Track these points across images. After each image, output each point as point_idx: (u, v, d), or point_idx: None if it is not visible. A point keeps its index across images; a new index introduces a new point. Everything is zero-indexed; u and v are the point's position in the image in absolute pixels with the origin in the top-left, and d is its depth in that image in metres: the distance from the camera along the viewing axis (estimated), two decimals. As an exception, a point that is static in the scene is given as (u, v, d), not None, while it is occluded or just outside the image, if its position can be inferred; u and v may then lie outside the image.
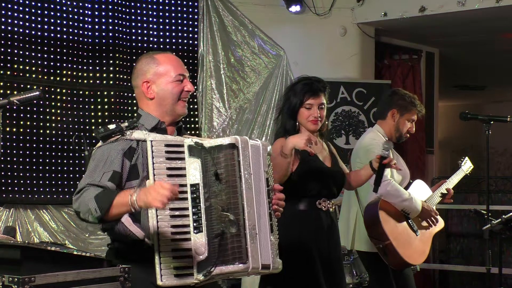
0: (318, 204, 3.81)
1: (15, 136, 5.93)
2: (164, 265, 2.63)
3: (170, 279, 2.63)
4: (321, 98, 3.83)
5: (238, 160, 2.71)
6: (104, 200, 2.63)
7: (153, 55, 2.97)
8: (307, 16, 7.45)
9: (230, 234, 2.66)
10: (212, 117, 7.11)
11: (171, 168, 2.68)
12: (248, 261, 2.68)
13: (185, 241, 2.67)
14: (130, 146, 2.80)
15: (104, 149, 2.80)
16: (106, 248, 5.92)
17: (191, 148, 2.71)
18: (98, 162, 2.79)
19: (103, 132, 2.80)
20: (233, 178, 2.70)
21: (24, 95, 2.90)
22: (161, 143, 2.70)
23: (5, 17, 5.92)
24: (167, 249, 2.64)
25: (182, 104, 2.92)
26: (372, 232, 4.28)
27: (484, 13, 7.07)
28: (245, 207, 2.70)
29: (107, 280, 2.46)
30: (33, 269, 2.28)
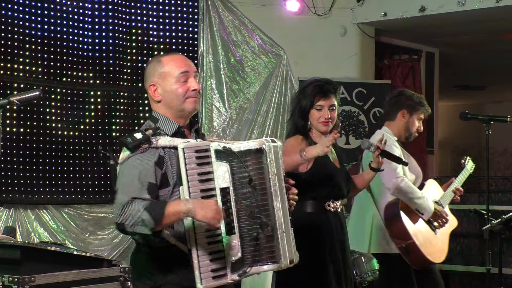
0: (327, 206, 3.82)
1: (15, 136, 5.93)
2: (203, 269, 2.72)
3: (209, 282, 2.72)
4: (331, 99, 3.86)
5: (266, 164, 2.80)
6: (156, 211, 2.67)
7: (160, 57, 2.98)
8: (307, 16, 7.45)
9: (264, 235, 2.78)
10: (212, 117, 7.10)
11: (201, 174, 2.75)
12: (280, 260, 2.81)
13: (218, 243, 2.76)
14: (159, 155, 2.81)
15: (136, 160, 2.79)
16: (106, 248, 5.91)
17: (218, 152, 2.77)
18: (133, 175, 2.77)
19: (132, 142, 2.79)
20: (261, 181, 2.80)
21: (24, 95, 2.91)
22: (191, 150, 2.75)
23: (5, 17, 5.92)
24: (204, 253, 2.73)
25: (190, 100, 2.92)
26: (394, 231, 4.27)
27: (484, 13, 7.07)
28: (275, 208, 2.81)
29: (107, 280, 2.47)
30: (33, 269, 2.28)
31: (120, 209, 2.70)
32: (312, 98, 3.84)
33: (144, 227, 2.67)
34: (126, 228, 2.69)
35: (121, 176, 2.79)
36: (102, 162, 6.37)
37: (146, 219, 2.65)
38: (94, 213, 6.38)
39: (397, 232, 4.25)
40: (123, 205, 2.70)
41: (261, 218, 2.77)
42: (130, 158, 2.80)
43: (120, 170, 2.82)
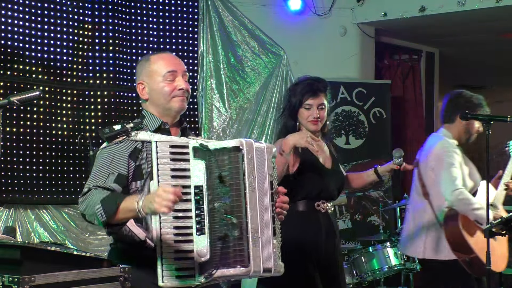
0: (316, 206, 3.80)
1: (15, 136, 5.93)
2: (166, 266, 2.64)
3: (171, 280, 2.64)
4: (320, 98, 3.81)
5: (242, 163, 2.70)
6: (110, 205, 2.64)
7: (149, 55, 2.99)
8: (307, 16, 7.45)
9: (233, 237, 2.66)
10: (212, 117, 7.10)
11: (175, 169, 2.68)
12: (249, 265, 2.67)
13: (187, 243, 2.67)
14: (135, 147, 2.80)
15: (110, 150, 2.80)
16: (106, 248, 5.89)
17: (196, 150, 2.71)
18: (103, 164, 2.78)
19: (109, 132, 2.79)
20: (237, 181, 2.69)
21: (24, 95, 2.90)
22: (166, 144, 2.70)
23: (5, 17, 5.92)
24: (169, 250, 2.65)
25: (176, 99, 2.90)
26: (457, 247, 4.17)
27: (484, 13, 7.07)
28: (248, 210, 2.69)
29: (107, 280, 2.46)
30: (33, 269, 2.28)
31: (81, 197, 2.72)
32: (301, 97, 3.80)
33: (97, 220, 2.66)
34: (86, 218, 2.71)
35: (94, 165, 2.80)
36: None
37: (98, 212, 2.64)
38: (94, 213, 6.38)
39: (460, 247, 4.16)
40: (84, 193, 2.71)
41: (232, 219, 2.66)
42: (105, 148, 2.81)
43: (95, 160, 2.83)
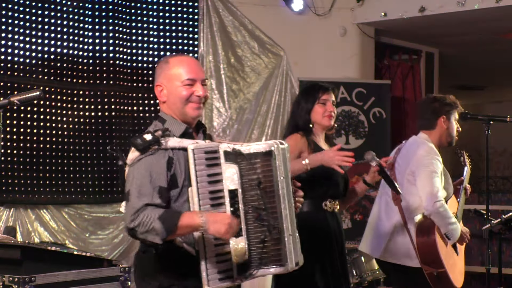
0: (324, 205, 3.83)
1: (15, 136, 5.93)
2: (210, 271, 2.73)
3: (216, 283, 2.74)
4: (332, 95, 3.93)
5: (275, 166, 2.78)
6: (170, 222, 2.67)
7: (169, 58, 2.97)
8: (307, 16, 7.45)
9: (271, 238, 2.76)
10: (212, 117, 7.10)
11: (211, 175, 2.75)
12: (287, 263, 2.79)
13: (225, 246, 2.76)
14: (168, 157, 2.80)
15: (147, 162, 2.78)
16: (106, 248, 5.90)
17: (226, 154, 2.76)
18: (144, 178, 2.76)
19: (142, 143, 2.78)
20: (270, 183, 2.78)
21: (24, 95, 2.90)
22: (201, 151, 2.75)
23: (5, 17, 5.92)
24: (211, 254, 2.74)
25: (192, 106, 2.90)
26: (427, 259, 4.12)
27: (484, 13, 7.07)
28: (282, 211, 2.79)
29: (107, 280, 2.47)
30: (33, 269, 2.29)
31: (132, 214, 2.69)
32: (316, 94, 3.90)
33: (155, 236, 2.67)
34: (137, 234, 2.69)
35: (133, 179, 2.76)
36: (103, 162, 6.38)
37: (158, 229, 2.66)
38: (94, 213, 6.39)
39: (430, 259, 4.11)
40: (136, 211, 2.69)
41: (269, 221, 2.76)
42: (140, 160, 2.78)
43: (130, 172, 2.79)
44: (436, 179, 4.11)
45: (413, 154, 4.24)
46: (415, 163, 4.20)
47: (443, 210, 4.09)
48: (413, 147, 4.31)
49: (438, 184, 4.11)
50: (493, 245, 5.90)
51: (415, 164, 4.19)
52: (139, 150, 2.77)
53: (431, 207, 4.07)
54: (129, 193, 2.74)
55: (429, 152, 4.22)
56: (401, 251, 4.19)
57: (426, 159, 4.18)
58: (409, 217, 4.20)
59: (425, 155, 4.20)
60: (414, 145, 4.32)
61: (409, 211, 4.20)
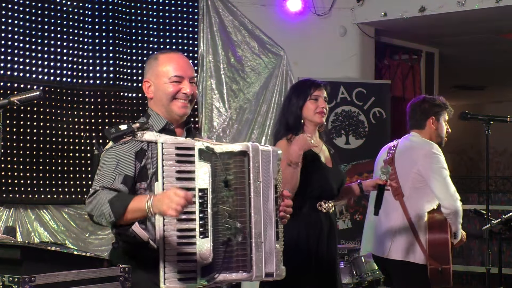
0: (318, 206, 3.80)
1: (15, 136, 5.93)
2: (168, 269, 2.64)
3: (173, 283, 2.64)
4: (323, 91, 3.87)
5: (248, 168, 2.68)
6: (118, 205, 2.63)
7: (158, 54, 2.96)
8: (307, 16, 7.45)
9: (236, 241, 2.65)
10: (212, 117, 7.10)
11: (180, 171, 2.67)
12: (252, 270, 2.67)
13: (190, 245, 2.67)
14: (141, 147, 2.79)
15: (116, 150, 2.78)
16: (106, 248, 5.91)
17: (201, 152, 2.69)
18: (110, 165, 2.76)
19: (115, 132, 2.77)
20: (242, 185, 2.67)
21: (24, 95, 2.90)
22: (171, 146, 2.68)
23: (5, 17, 5.92)
24: (172, 252, 2.65)
25: (178, 104, 2.89)
26: (436, 254, 4.16)
27: (484, 13, 7.07)
28: (252, 215, 2.67)
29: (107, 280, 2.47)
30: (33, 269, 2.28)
31: (88, 198, 2.72)
32: (308, 90, 3.83)
33: (105, 220, 2.67)
34: (93, 218, 2.71)
35: (100, 165, 2.79)
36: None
37: (107, 212, 2.64)
38: (94, 213, 6.38)
39: (439, 254, 4.15)
40: (91, 194, 2.71)
41: (235, 224, 2.65)
42: (111, 148, 2.79)
43: (100, 159, 2.81)
44: (449, 178, 4.21)
45: (418, 154, 4.28)
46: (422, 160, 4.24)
47: (460, 209, 4.18)
48: (413, 144, 4.35)
49: (451, 182, 4.19)
50: (493, 245, 5.90)
51: (423, 164, 4.23)
52: (112, 138, 2.78)
53: (453, 206, 4.14)
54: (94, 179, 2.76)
55: (434, 149, 4.27)
56: (405, 247, 4.22)
57: (435, 160, 4.23)
58: (414, 213, 4.23)
59: (431, 153, 4.25)
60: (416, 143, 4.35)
61: (414, 208, 4.23)
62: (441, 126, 4.41)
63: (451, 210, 4.14)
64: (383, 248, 4.29)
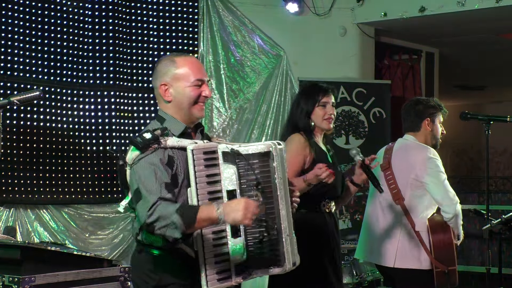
0: (322, 206, 3.84)
1: (15, 136, 5.93)
2: (209, 271, 2.73)
3: (215, 284, 2.73)
4: (331, 96, 3.91)
5: (273, 167, 2.77)
6: (189, 215, 2.65)
7: (174, 57, 2.96)
8: (307, 16, 7.45)
9: (269, 239, 2.76)
10: (212, 117, 7.11)
11: (209, 175, 2.74)
12: (285, 264, 2.79)
13: (223, 246, 2.75)
14: (168, 155, 2.80)
15: (149, 161, 2.77)
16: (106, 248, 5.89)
17: (225, 154, 2.76)
18: (149, 175, 2.74)
19: (142, 142, 2.76)
20: (268, 184, 2.77)
21: (24, 95, 2.90)
22: (200, 151, 2.74)
23: (5, 17, 5.92)
24: (210, 255, 2.73)
25: (198, 107, 2.92)
26: (441, 256, 4.17)
27: (484, 13, 7.07)
28: (280, 212, 2.78)
29: (107, 280, 2.47)
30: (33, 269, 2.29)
31: (148, 210, 2.67)
32: (317, 96, 3.88)
33: (174, 230, 2.65)
34: (155, 229, 2.67)
35: (139, 177, 2.75)
36: (103, 162, 6.38)
37: (178, 223, 2.64)
38: (94, 213, 6.39)
39: (444, 257, 4.16)
40: (151, 205, 2.67)
41: (267, 222, 2.75)
42: (142, 159, 2.77)
43: (133, 171, 2.77)
44: (447, 181, 4.19)
45: (416, 160, 4.25)
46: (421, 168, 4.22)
47: (460, 211, 4.18)
48: (410, 148, 4.32)
49: (450, 186, 4.18)
50: (493, 245, 5.90)
51: (421, 170, 4.21)
52: (139, 148, 2.76)
53: (453, 210, 4.13)
54: (138, 191, 2.72)
55: (432, 154, 4.25)
56: (410, 255, 4.21)
57: (432, 164, 4.21)
58: (416, 218, 4.22)
59: (430, 157, 4.23)
60: (412, 148, 4.33)
61: (415, 214, 4.22)
62: (436, 127, 4.39)
63: (452, 214, 4.13)
64: (389, 257, 4.25)
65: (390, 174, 4.26)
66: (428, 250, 4.16)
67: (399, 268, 4.23)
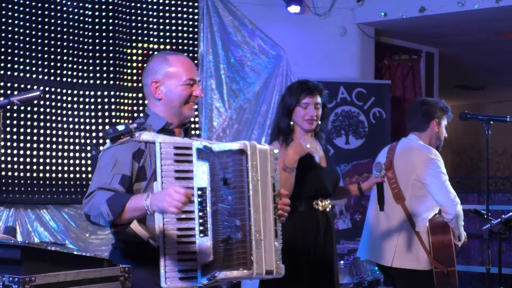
0: (315, 204, 3.81)
1: (15, 136, 5.93)
2: (169, 268, 2.65)
3: (174, 282, 2.65)
4: (316, 97, 3.82)
5: (246, 166, 2.68)
6: (116, 204, 2.63)
7: (166, 55, 2.95)
8: (307, 16, 7.45)
9: (236, 239, 2.65)
10: (212, 117, 7.11)
11: (179, 171, 2.69)
12: (252, 268, 2.67)
13: (190, 244, 2.68)
14: (138, 148, 2.79)
15: (113, 151, 2.78)
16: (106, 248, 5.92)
17: (199, 151, 2.70)
18: (107, 165, 2.76)
19: (112, 133, 2.78)
20: (240, 183, 2.68)
21: (24, 95, 2.90)
22: (170, 145, 2.70)
23: (5, 17, 5.92)
24: (173, 251, 2.66)
25: (189, 107, 2.91)
26: (441, 257, 4.16)
27: (484, 13, 7.07)
28: (251, 213, 2.68)
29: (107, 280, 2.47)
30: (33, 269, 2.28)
31: (85, 198, 2.71)
32: (298, 96, 3.81)
33: (102, 220, 2.66)
34: (91, 218, 2.70)
35: (98, 167, 2.78)
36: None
37: (105, 212, 2.63)
38: (94, 213, 6.38)
39: (444, 257, 4.16)
40: (88, 195, 2.70)
41: (235, 221, 2.65)
42: (109, 149, 2.80)
43: (98, 160, 2.82)
44: (448, 182, 4.18)
45: (417, 160, 4.25)
46: (422, 164, 4.21)
47: (461, 212, 4.17)
48: (414, 152, 4.30)
49: (451, 187, 4.17)
50: (493, 245, 5.90)
51: (422, 170, 4.20)
52: (110, 139, 2.78)
53: (454, 211, 4.12)
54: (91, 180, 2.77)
55: (434, 154, 4.25)
56: (410, 255, 4.21)
57: (434, 165, 4.21)
58: (417, 219, 4.22)
59: (432, 158, 4.22)
60: (414, 148, 4.32)
61: (416, 214, 4.21)
62: (442, 129, 4.39)
63: (453, 215, 4.13)
64: (387, 257, 4.25)
65: (392, 174, 4.26)
66: (428, 250, 4.16)
67: (398, 268, 4.23)
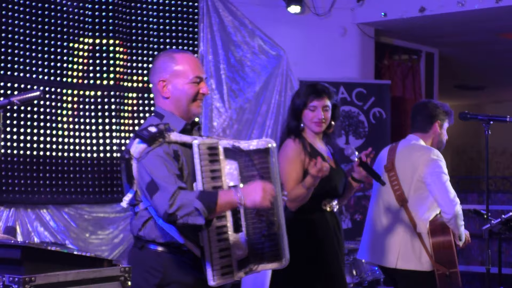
0: (323, 205, 3.82)
1: (15, 136, 5.94)
2: (215, 267, 2.74)
3: (219, 279, 2.75)
4: (325, 100, 3.84)
5: (272, 163, 2.83)
6: (210, 200, 2.66)
7: (173, 54, 2.96)
8: (307, 16, 7.45)
9: (269, 233, 2.80)
10: (212, 117, 7.11)
11: (213, 171, 2.77)
12: (284, 258, 2.86)
13: (226, 241, 2.77)
14: (173, 149, 2.80)
15: (157, 153, 2.76)
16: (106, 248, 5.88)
17: (226, 150, 2.79)
18: (161, 167, 2.74)
19: (148, 135, 2.76)
20: (268, 180, 2.81)
21: (24, 95, 2.90)
22: (205, 146, 2.76)
23: (5, 17, 5.92)
24: (215, 250, 2.75)
25: (196, 104, 2.93)
26: (442, 258, 4.15)
27: (484, 13, 7.07)
28: (279, 207, 2.84)
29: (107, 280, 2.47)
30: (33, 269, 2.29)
31: (169, 199, 2.66)
32: (305, 98, 3.84)
33: (197, 217, 2.65)
34: (178, 218, 2.66)
35: (151, 170, 2.73)
36: (103, 162, 6.38)
37: (200, 209, 2.64)
38: (94, 213, 6.39)
39: (445, 259, 4.15)
40: (172, 195, 2.66)
41: (268, 217, 2.79)
42: (150, 152, 2.76)
43: (143, 165, 2.76)
44: (449, 183, 4.17)
45: (419, 161, 4.24)
46: (425, 166, 4.20)
47: (461, 212, 4.16)
48: (415, 152, 4.29)
49: (451, 188, 4.17)
50: (493, 245, 5.90)
51: (424, 170, 4.20)
52: (146, 141, 2.75)
53: (453, 211, 4.11)
54: (153, 184, 2.71)
55: (437, 155, 4.24)
56: (412, 256, 4.20)
57: (435, 165, 4.20)
58: (418, 220, 4.21)
59: (435, 159, 4.22)
60: (416, 149, 4.31)
61: (418, 215, 4.21)
62: (444, 131, 4.40)
63: (452, 215, 4.12)
64: (391, 258, 4.25)
65: (394, 175, 4.26)
66: (429, 252, 4.16)
67: (401, 269, 4.22)
